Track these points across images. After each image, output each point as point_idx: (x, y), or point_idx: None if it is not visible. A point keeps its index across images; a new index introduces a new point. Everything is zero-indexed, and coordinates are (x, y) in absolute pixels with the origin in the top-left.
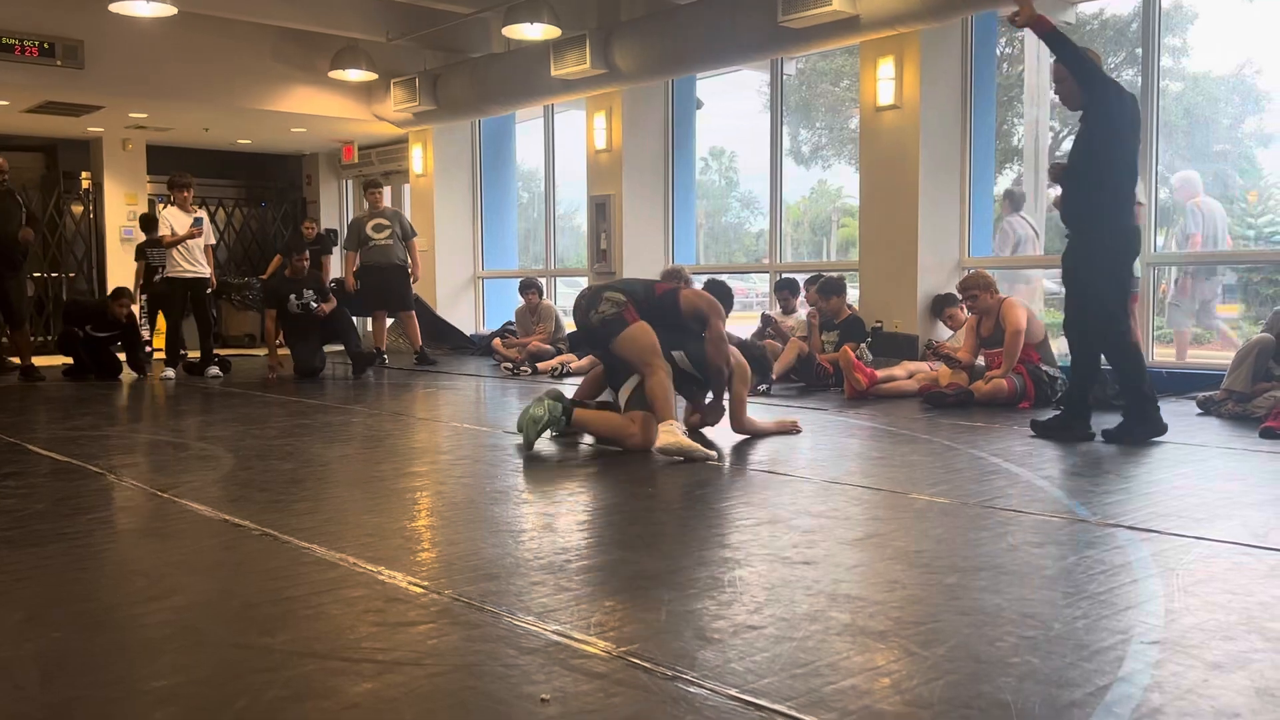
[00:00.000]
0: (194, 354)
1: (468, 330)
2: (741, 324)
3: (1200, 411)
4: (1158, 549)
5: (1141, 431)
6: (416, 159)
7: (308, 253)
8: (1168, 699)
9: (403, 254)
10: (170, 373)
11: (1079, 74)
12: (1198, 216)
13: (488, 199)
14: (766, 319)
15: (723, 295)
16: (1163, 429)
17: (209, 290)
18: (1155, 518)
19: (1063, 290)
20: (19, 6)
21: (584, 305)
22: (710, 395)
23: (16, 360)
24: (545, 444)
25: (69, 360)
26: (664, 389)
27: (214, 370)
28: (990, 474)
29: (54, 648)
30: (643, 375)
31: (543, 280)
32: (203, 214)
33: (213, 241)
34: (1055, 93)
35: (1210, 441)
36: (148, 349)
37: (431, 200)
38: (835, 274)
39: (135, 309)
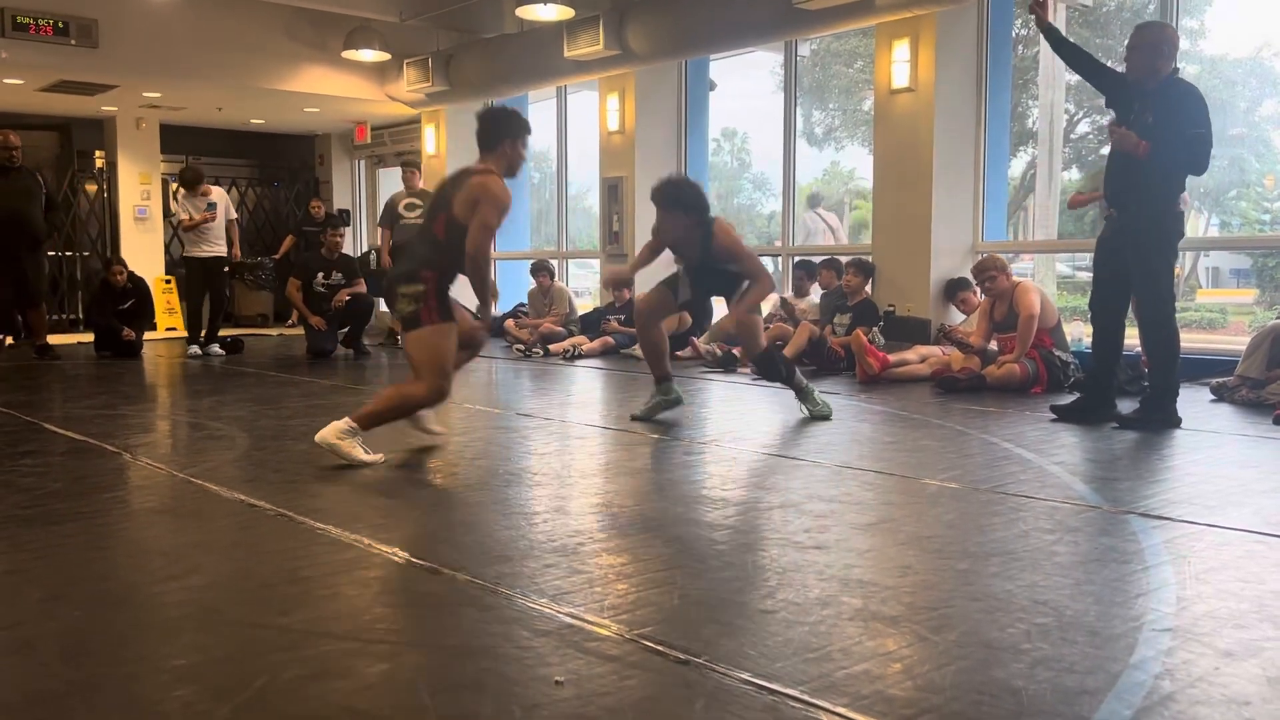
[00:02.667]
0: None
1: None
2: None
3: (1214, 398)
4: (1170, 536)
5: (1158, 422)
6: (429, 139)
7: (343, 231)
8: (1179, 686)
9: None
10: (194, 349)
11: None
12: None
13: None
14: (782, 301)
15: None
16: (1177, 422)
17: (226, 267)
18: (1168, 505)
19: (1075, 274)
20: None
21: None
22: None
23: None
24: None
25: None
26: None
27: (216, 348)
28: (1002, 459)
29: (76, 626)
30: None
31: (554, 262)
32: (215, 196)
33: (234, 216)
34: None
35: (1224, 428)
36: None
37: None
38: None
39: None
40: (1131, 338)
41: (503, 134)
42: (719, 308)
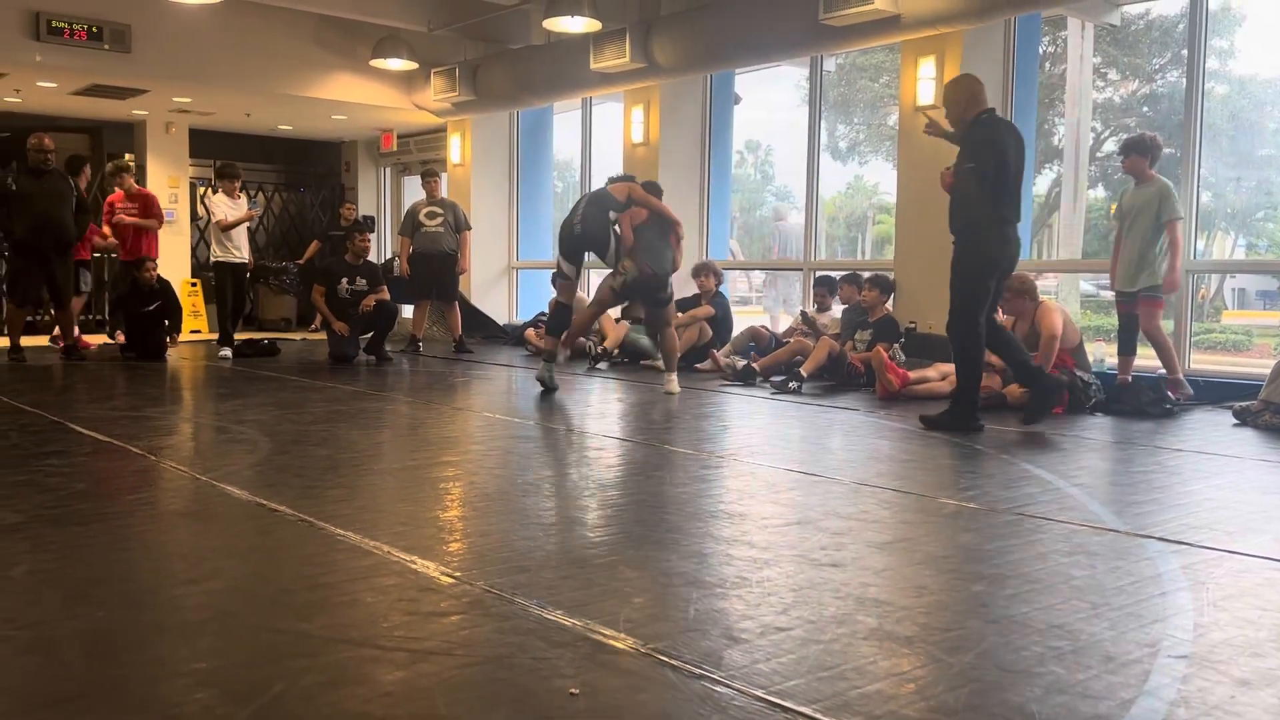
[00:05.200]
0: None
1: (501, 320)
2: (778, 320)
3: (1236, 422)
4: (1188, 561)
5: (956, 426)
6: (454, 148)
7: (369, 236)
8: (1194, 715)
9: (453, 243)
10: (226, 352)
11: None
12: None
13: (524, 190)
14: (804, 315)
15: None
16: (977, 429)
17: (247, 273)
18: (1187, 529)
19: (1099, 293)
20: None
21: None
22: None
23: (112, 337)
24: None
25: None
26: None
27: (226, 352)
28: (1021, 480)
29: (97, 626)
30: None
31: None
32: (245, 199)
33: (252, 226)
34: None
35: (1246, 453)
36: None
37: (468, 190)
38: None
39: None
40: (1151, 358)
41: None
42: (742, 320)
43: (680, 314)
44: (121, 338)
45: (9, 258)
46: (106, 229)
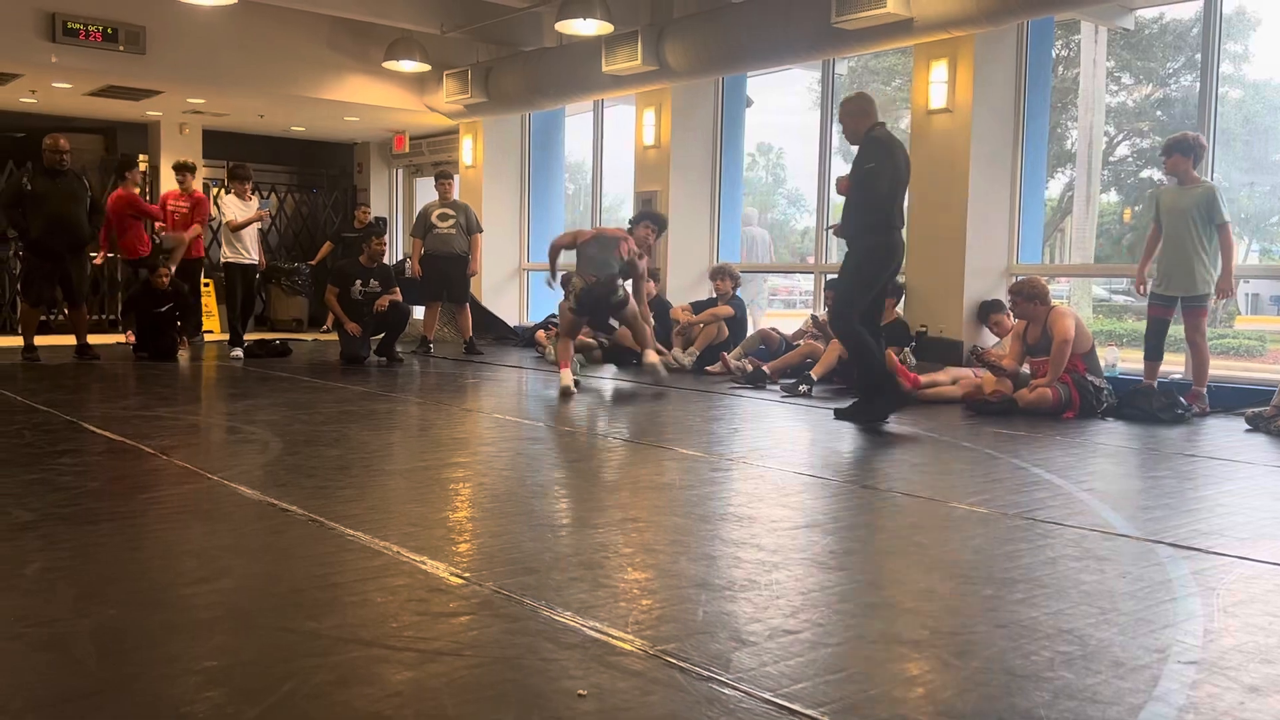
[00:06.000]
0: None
1: (512, 322)
2: (788, 322)
3: (1249, 428)
4: (1199, 567)
5: (862, 416)
6: (466, 150)
7: (385, 239)
8: None
9: (464, 245)
10: (238, 352)
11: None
12: (748, 241)
13: (535, 192)
14: (814, 319)
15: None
16: (882, 418)
17: (257, 274)
18: (1197, 535)
19: (1112, 297)
20: None
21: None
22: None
23: (129, 339)
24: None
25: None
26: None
27: (237, 352)
28: (1031, 484)
29: (110, 624)
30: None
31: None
32: (256, 200)
33: (264, 226)
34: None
35: (1258, 459)
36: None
37: (480, 192)
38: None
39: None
40: (1170, 363)
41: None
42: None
43: (696, 314)
44: (132, 337)
45: (24, 257)
46: (161, 222)
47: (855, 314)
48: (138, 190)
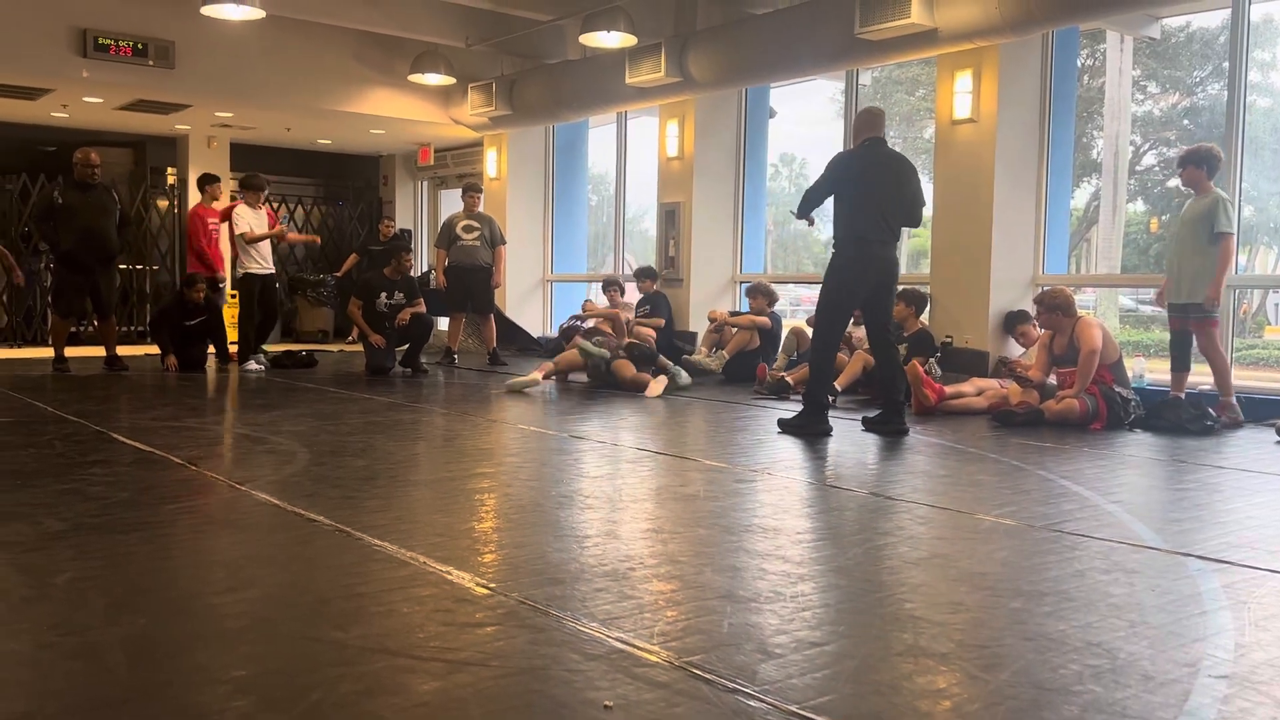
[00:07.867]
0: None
1: (535, 332)
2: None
3: (1279, 439)
4: (1229, 580)
5: (805, 430)
6: (491, 163)
7: (411, 254)
8: None
9: (488, 257)
10: (252, 364)
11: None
12: None
13: (559, 204)
14: None
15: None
16: (825, 431)
17: (276, 283)
18: (1228, 548)
19: (1139, 308)
20: (115, 8)
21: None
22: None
23: (170, 366)
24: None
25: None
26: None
27: (254, 365)
28: (1058, 496)
29: (140, 633)
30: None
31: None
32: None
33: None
34: None
35: None
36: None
37: (504, 203)
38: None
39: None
40: (1199, 374)
41: None
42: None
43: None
44: (173, 362)
45: (55, 270)
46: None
47: (833, 328)
48: (217, 204)
